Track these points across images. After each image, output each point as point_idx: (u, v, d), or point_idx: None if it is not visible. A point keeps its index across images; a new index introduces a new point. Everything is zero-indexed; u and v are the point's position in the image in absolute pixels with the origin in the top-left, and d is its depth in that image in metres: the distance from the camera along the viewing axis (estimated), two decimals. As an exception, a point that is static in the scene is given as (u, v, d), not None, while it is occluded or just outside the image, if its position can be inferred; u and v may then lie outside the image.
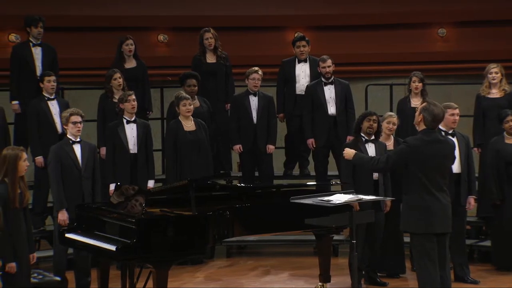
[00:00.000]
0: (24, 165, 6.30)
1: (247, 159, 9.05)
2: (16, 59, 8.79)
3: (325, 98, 8.91)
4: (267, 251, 9.37)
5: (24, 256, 6.31)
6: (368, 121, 7.63)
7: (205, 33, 9.22)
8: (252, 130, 8.95)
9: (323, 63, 8.90)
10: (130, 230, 6.17)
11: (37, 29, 8.75)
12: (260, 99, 8.97)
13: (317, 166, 9.17)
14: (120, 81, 8.53)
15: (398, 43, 11.12)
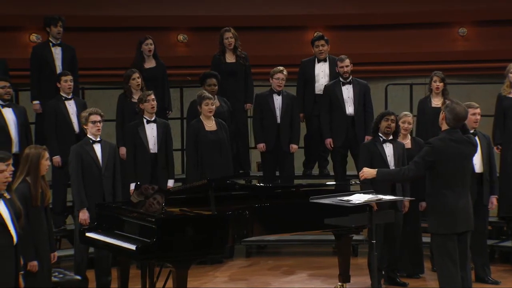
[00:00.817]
0: (46, 164, 6.35)
1: (269, 158, 9.06)
2: (36, 59, 8.85)
3: (343, 98, 8.90)
4: (286, 251, 9.37)
5: (45, 255, 6.35)
6: (386, 120, 7.61)
7: (225, 33, 9.23)
8: (275, 129, 8.95)
9: (341, 63, 8.89)
10: (150, 230, 6.19)
11: (57, 29, 8.81)
12: (284, 98, 8.96)
13: (335, 166, 9.15)
14: (138, 81, 8.56)
15: (418, 42, 11.08)
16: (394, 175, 6.45)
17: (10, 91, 8.12)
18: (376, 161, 7.52)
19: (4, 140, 7.94)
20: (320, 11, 11.01)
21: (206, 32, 10.52)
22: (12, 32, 10.03)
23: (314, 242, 9.24)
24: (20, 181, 6.26)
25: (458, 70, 10.97)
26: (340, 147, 8.97)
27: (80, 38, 9.72)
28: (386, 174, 6.49)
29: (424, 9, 11.04)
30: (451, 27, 11.21)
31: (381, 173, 6.38)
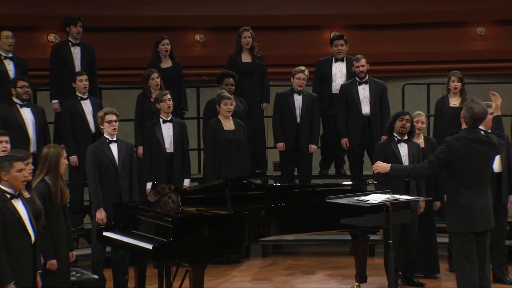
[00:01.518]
0: (64, 162, 6.39)
1: (288, 158, 9.05)
2: (55, 59, 8.90)
3: (359, 98, 8.88)
4: (303, 250, 9.36)
5: (64, 254, 6.38)
6: (401, 120, 7.59)
7: (243, 32, 9.24)
8: (294, 128, 8.94)
9: (357, 63, 8.87)
10: (167, 229, 6.21)
11: (76, 29, 8.85)
12: (305, 98, 8.95)
13: (351, 166, 9.13)
14: (157, 81, 8.58)
15: (436, 42, 11.03)
16: (408, 172, 6.43)
17: (28, 91, 8.18)
18: (390, 161, 7.46)
19: (22, 140, 7.99)
20: (337, 11, 10.99)
21: (223, 32, 10.53)
22: (30, 32, 10.09)
23: (330, 242, 9.22)
24: (39, 180, 6.29)
25: (476, 69, 10.91)
26: (356, 147, 8.95)
27: (97, 38, 9.76)
28: (400, 170, 6.48)
29: (441, 9, 11.00)
30: (468, 26, 11.16)
31: (394, 168, 6.37)
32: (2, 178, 5.52)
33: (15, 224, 5.47)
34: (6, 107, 8.13)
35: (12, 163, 5.54)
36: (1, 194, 5.50)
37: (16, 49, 8.76)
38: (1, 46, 8.59)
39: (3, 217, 5.42)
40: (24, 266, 5.52)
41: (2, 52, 8.61)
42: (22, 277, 5.50)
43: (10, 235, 5.44)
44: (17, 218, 5.49)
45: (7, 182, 5.52)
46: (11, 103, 8.13)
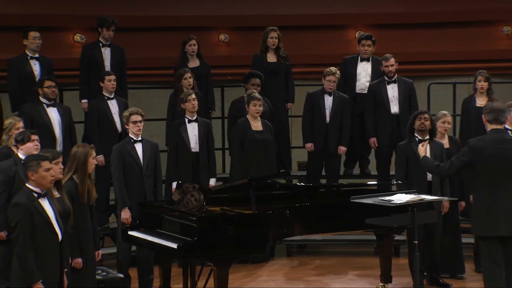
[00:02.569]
0: (93, 162, 6.43)
1: (316, 158, 9.03)
2: (85, 59, 8.95)
3: (388, 97, 8.85)
4: (327, 250, 9.34)
5: (90, 253, 6.42)
6: (419, 119, 7.57)
7: (270, 32, 9.23)
8: (323, 129, 8.92)
9: (386, 62, 8.83)
10: (191, 229, 6.23)
11: (109, 32, 8.90)
12: (335, 99, 8.92)
13: (379, 166, 9.09)
14: (190, 81, 8.60)
15: (462, 41, 10.95)
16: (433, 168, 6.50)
17: (55, 91, 8.22)
18: (412, 161, 7.47)
19: (49, 139, 8.02)
20: (362, 10, 10.94)
21: (247, 31, 10.53)
22: (56, 32, 10.16)
23: (355, 242, 9.20)
24: (67, 179, 6.34)
25: (502, 69, 10.81)
26: (385, 146, 8.90)
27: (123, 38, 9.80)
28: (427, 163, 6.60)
29: (468, 8, 10.91)
30: (495, 25, 11.06)
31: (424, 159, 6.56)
32: (30, 177, 5.59)
33: (42, 223, 5.53)
34: (33, 107, 8.18)
35: (40, 162, 5.59)
36: (29, 194, 5.56)
37: (42, 49, 8.82)
38: (28, 46, 8.66)
39: (31, 216, 5.49)
40: (51, 264, 5.58)
41: (28, 52, 8.67)
42: (49, 275, 5.56)
43: (37, 234, 5.50)
44: (44, 217, 5.55)
45: (34, 182, 5.58)
46: (38, 103, 8.19)
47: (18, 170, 6.41)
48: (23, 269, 5.47)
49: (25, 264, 5.46)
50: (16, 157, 6.54)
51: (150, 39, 10.50)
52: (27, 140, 6.50)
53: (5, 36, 9.53)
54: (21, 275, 5.49)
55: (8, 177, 6.43)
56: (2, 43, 9.43)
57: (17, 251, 5.49)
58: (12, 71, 8.66)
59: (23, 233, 5.45)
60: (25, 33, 8.64)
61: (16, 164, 6.48)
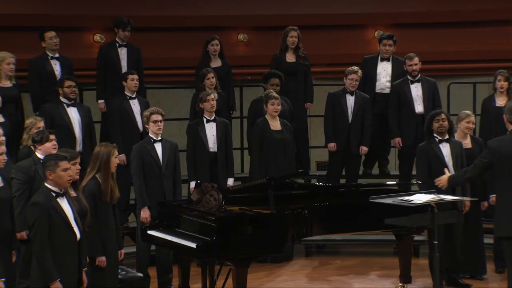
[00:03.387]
0: (115, 161, 6.46)
1: (337, 158, 8.99)
2: (102, 59, 8.98)
3: (412, 97, 8.80)
4: (346, 250, 9.31)
5: (113, 252, 6.45)
6: (437, 121, 7.53)
7: (290, 31, 9.22)
8: (346, 129, 8.90)
9: (410, 61, 8.79)
10: (210, 228, 6.24)
11: (125, 33, 8.93)
12: (357, 98, 8.90)
13: (402, 166, 9.04)
14: (213, 81, 8.61)
15: (482, 40, 10.87)
16: (464, 180, 6.51)
17: (75, 91, 8.25)
18: (434, 162, 7.43)
19: (68, 139, 8.06)
20: (382, 9, 10.90)
21: (266, 31, 10.52)
22: (76, 32, 10.21)
23: (374, 242, 9.15)
24: (90, 178, 6.38)
25: (523, 68, 10.71)
26: (410, 146, 8.85)
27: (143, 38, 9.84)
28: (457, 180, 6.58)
29: (488, 7, 10.83)
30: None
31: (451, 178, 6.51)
32: (48, 177, 5.61)
33: (60, 222, 5.55)
34: (53, 107, 8.21)
35: (58, 162, 5.62)
36: (47, 193, 5.59)
37: (63, 49, 8.87)
38: (47, 47, 8.70)
39: (48, 215, 5.51)
40: (69, 263, 5.60)
41: (48, 52, 8.72)
42: (67, 274, 5.58)
43: (55, 233, 5.52)
44: (62, 216, 5.57)
45: (52, 181, 5.60)
46: (58, 103, 8.22)
47: (37, 170, 6.44)
48: (41, 268, 5.50)
49: (43, 262, 5.48)
50: (35, 156, 6.57)
51: (170, 39, 10.52)
52: (45, 140, 6.54)
53: (26, 36, 9.58)
54: (39, 274, 5.52)
55: (28, 177, 6.46)
56: (23, 44, 9.49)
57: (35, 250, 5.52)
58: (32, 71, 8.72)
59: (41, 232, 5.48)
60: (41, 35, 8.69)
61: (35, 163, 6.52)
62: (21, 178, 6.45)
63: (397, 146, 8.98)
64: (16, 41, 9.53)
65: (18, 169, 6.47)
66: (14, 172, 6.41)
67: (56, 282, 5.49)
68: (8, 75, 8.25)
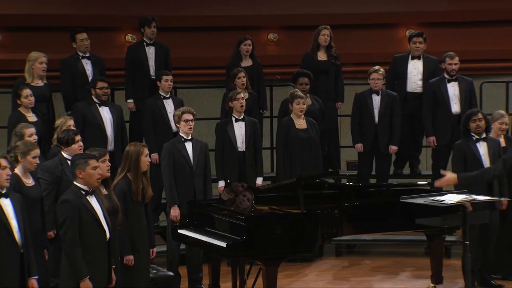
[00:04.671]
0: (146, 160, 6.49)
1: (366, 158, 8.95)
2: (130, 59, 9.03)
3: (448, 96, 8.72)
4: (377, 250, 9.26)
5: (144, 251, 6.46)
6: (473, 122, 7.45)
7: (322, 30, 9.19)
8: (372, 129, 8.85)
9: (451, 60, 8.71)
10: (240, 227, 6.24)
11: (151, 29, 8.98)
12: (383, 97, 8.84)
13: (435, 165, 8.96)
14: (244, 81, 8.61)
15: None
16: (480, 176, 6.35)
17: (107, 92, 8.30)
18: (470, 161, 7.36)
19: (100, 138, 8.13)
20: (413, 8, 10.81)
21: (296, 30, 10.50)
22: (108, 32, 10.27)
23: (405, 242, 9.09)
24: (122, 177, 6.42)
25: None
26: (444, 145, 8.77)
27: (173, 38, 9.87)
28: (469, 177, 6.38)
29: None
30: (549, 23, 10.82)
31: (463, 177, 6.36)
32: (78, 175, 5.65)
33: (90, 220, 5.58)
34: (85, 106, 8.27)
35: (87, 160, 5.65)
36: (77, 191, 5.62)
37: (94, 49, 8.93)
38: (78, 48, 8.79)
39: (78, 212, 5.54)
40: (99, 261, 5.62)
41: (79, 52, 8.81)
42: (97, 272, 5.60)
43: (85, 231, 5.55)
44: (92, 214, 5.60)
45: (82, 180, 5.63)
46: (90, 102, 8.28)
47: (64, 170, 6.47)
48: (71, 265, 5.52)
49: (72, 260, 5.51)
50: (61, 156, 6.59)
51: (200, 38, 10.54)
52: (71, 142, 6.56)
53: (58, 36, 9.67)
54: (69, 272, 5.55)
55: (55, 177, 6.49)
56: (55, 44, 9.58)
57: (65, 247, 5.55)
58: (65, 71, 8.80)
59: (71, 229, 5.51)
60: (72, 37, 8.76)
61: (61, 163, 6.54)
62: (48, 178, 6.48)
63: (431, 145, 8.91)
64: (48, 41, 9.63)
65: (44, 169, 6.51)
66: (40, 172, 6.45)
67: (85, 280, 5.52)
68: (40, 75, 8.34)
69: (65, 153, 6.57)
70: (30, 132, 6.92)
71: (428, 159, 9.58)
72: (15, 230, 5.53)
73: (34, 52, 8.38)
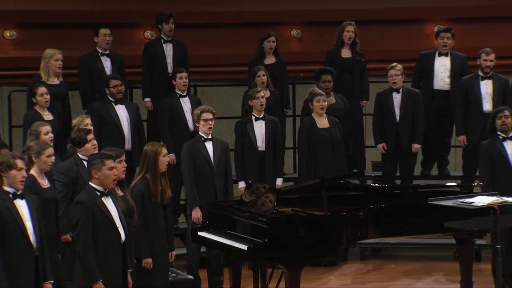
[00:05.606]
0: (164, 160, 6.48)
1: (389, 159, 8.89)
2: (147, 56, 9.02)
3: (481, 94, 8.64)
4: (403, 254, 9.20)
5: (162, 253, 6.45)
6: (499, 118, 7.39)
7: (347, 26, 9.13)
8: (394, 128, 8.78)
9: (487, 56, 8.62)
10: (262, 230, 6.21)
11: (168, 26, 8.98)
12: (404, 95, 8.77)
13: (466, 166, 8.87)
14: (263, 79, 8.58)
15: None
16: None
17: (122, 89, 8.28)
18: (497, 161, 7.29)
19: (117, 137, 8.13)
20: (442, 3, 10.72)
21: (320, 26, 10.44)
22: (127, 29, 10.28)
23: (433, 246, 9.02)
24: (140, 177, 6.41)
25: None
26: (475, 145, 8.68)
27: (193, 34, 9.86)
28: None
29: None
30: None
31: None
32: (93, 176, 5.64)
33: (104, 222, 5.56)
34: (101, 105, 8.28)
35: (104, 160, 5.64)
36: (91, 192, 5.61)
37: (114, 46, 8.94)
38: (99, 44, 8.79)
39: (92, 214, 5.53)
40: (113, 264, 5.60)
41: (99, 49, 8.81)
42: (111, 275, 5.58)
43: (99, 233, 5.53)
44: (107, 215, 5.58)
45: (98, 180, 5.62)
46: (107, 101, 8.27)
47: (79, 171, 6.46)
48: (84, 268, 5.51)
49: (85, 262, 5.50)
50: (77, 157, 6.57)
51: (221, 35, 10.52)
52: (84, 142, 6.54)
53: (76, 33, 9.69)
54: (82, 274, 5.53)
55: (70, 178, 6.46)
56: (73, 40, 9.60)
57: (79, 249, 5.54)
58: (83, 68, 8.81)
59: (85, 231, 5.50)
60: (96, 31, 8.78)
61: (77, 164, 6.53)
62: (63, 180, 6.46)
63: (461, 145, 8.82)
64: (65, 38, 9.64)
65: (59, 170, 6.49)
66: (55, 174, 6.43)
67: (98, 283, 5.50)
68: (56, 72, 8.33)
69: (80, 153, 6.57)
70: (46, 130, 6.92)
71: (458, 159, 9.48)
72: (30, 232, 5.53)
73: (49, 49, 8.39)
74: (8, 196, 5.51)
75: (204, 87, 10.15)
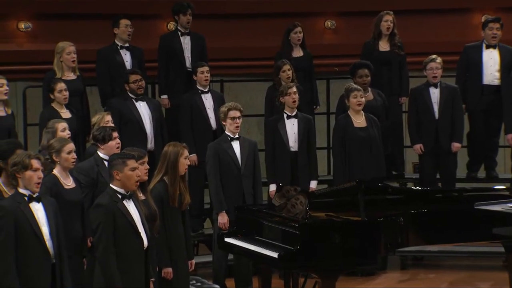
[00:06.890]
0: (184, 162, 6.47)
1: (428, 159, 8.85)
2: (164, 50, 9.00)
3: None
4: (447, 263, 9.16)
5: (181, 262, 6.46)
6: None
7: (385, 15, 9.11)
8: (433, 126, 8.74)
9: None
10: (293, 236, 6.22)
11: (186, 17, 8.97)
12: (442, 90, 8.74)
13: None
14: (289, 74, 8.57)
15: None
16: None
17: (142, 84, 8.28)
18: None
19: (139, 136, 8.13)
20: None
21: (356, 17, 10.41)
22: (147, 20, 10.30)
23: (480, 254, 8.97)
24: (158, 180, 6.42)
25: None
26: None
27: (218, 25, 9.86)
28: None
29: None
30: None
31: None
32: (115, 177, 5.65)
33: (126, 227, 5.58)
34: (121, 102, 8.27)
35: (126, 161, 5.65)
36: (112, 194, 5.62)
37: (133, 38, 8.97)
38: (119, 35, 8.80)
39: (113, 218, 5.54)
40: (135, 271, 5.61)
41: (118, 42, 8.82)
42: (132, 283, 5.58)
43: (121, 238, 5.54)
44: (129, 220, 5.60)
45: (119, 182, 5.64)
46: (126, 98, 8.26)
47: (100, 171, 6.50)
48: (104, 274, 5.53)
49: (106, 268, 5.51)
50: (97, 156, 6.61)
51: (249, 26, 10.51)
52: (108, 138, 6.58)
53: (95, 24, 9.71)
54: (102, 281, 5.55)
55: (91, 179, 6.51)
56: (91, 32, 9.63)
57: (98, 255, 5.56)
58: (101, 62, 8.81)
59: (105, 235, 5.51)
60: (116, 22, 8.79)
61: (97, 164, 6.57)
62: (83, 181, 6.49)
63: (510, 144, 8.76)
64: (83, 30, 9.67)
65: (79, 170, 6.53)
66: (75, 174, 6.46)
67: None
68: (70, 66, 8.32)
69: (101, 152, 6.60)
70: (63, 126, 6.97)
71: (507, 160, 9.41)
72: (47, 237, 5.54)
73: (61, 42, 8.36)
74: (23, 199, 5.53)
75: (231, 82, 10.14)
